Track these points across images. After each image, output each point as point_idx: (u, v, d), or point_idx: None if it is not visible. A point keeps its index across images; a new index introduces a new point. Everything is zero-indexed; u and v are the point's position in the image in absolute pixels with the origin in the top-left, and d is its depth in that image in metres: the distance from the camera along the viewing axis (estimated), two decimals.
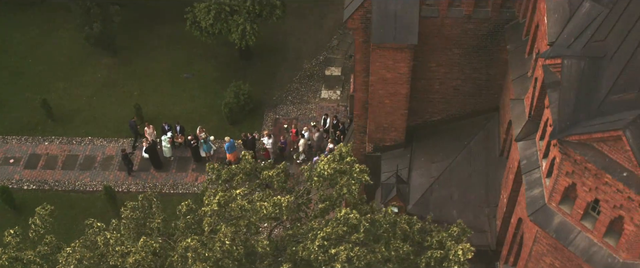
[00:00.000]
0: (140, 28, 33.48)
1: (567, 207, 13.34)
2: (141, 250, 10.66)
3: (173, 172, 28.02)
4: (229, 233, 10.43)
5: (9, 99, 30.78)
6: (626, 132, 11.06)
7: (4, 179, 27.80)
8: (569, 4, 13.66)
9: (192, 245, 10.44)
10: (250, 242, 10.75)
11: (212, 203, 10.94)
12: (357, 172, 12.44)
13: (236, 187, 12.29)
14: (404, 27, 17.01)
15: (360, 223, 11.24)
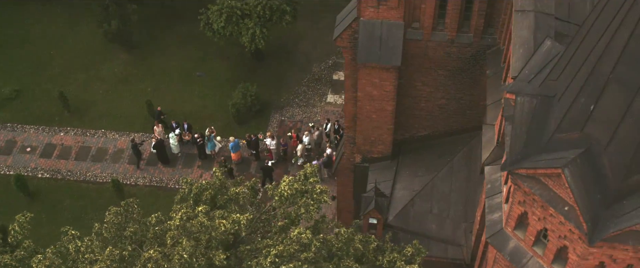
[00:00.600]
0: (157, 26, 34.69)
1: (521, 232, 14.10)
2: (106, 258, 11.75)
3: (179, 167, 29.23)
4: (188, 247, 11.50)
5: (29, 89, 32.27)
6: (565, 171, 11.79)
7: (20, 167, 29.28)
8: (534, 40, 14.38)
9: (154, 256, 11.52)
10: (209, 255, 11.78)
11: (175, 219, 12.01)
12: (318, 193, 13.39)
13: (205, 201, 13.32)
14: (389, 49, 17.82)
15: (311, 242, 12.21)
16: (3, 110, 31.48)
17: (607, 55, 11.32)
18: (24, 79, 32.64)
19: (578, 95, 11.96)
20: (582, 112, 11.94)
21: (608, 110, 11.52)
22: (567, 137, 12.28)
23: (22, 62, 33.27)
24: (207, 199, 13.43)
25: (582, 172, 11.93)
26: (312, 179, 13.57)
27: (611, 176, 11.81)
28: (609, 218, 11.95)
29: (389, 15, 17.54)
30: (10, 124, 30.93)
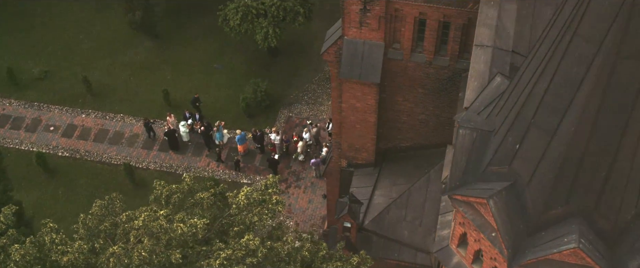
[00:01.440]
0: (181, 17, 36.35)
1: (463, 250, 15.36)
2: (75, 251, 13.41)
3: (189, 155, 30.99)
4: (148, 245, 13.09)
5: (57, 71, 34.31)
6: (490, 201, 13.00)
7: (42, 144, 31.40)
8: (488, 74, 15.53)
9: (116, 251, 13.15)
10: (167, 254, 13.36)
11: (139, 220, 13.62)
12: (273, 203, 14.87)
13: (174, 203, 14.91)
14: (369, 66, 19.10)
15: (258, 248, 13.69)
16: (32, 90, 33.60)
17: (531, 101, 12.46)
18: (53, 61, 34.70)
19: (507, 133, 13.14)
20: (510, 149, 13.11)
21: (530, 150, 12.68)
22: (498, 170, 13.47)
23: (53, 45, 35.31)
24: (175, 201, 15.05)
25: (506, 203, 13.13)
26: (271, 190, 15.07)
27: (532, 209, 13.01)
28: (529, 246, 13.17)
29: (370, 36, 18.79)
30: (37, 103, 33.05)
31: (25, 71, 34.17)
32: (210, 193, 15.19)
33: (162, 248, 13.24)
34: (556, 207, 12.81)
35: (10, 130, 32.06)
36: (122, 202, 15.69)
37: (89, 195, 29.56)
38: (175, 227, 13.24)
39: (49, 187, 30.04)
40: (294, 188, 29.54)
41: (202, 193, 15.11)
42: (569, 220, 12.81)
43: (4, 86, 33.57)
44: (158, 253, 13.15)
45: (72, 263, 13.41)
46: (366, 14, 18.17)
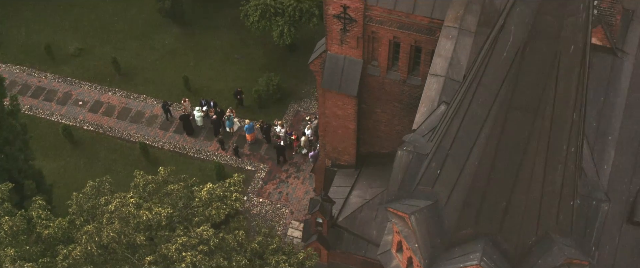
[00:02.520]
0: (209, 6, 38.58)
1: (400, 255, 17.29)
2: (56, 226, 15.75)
3: (201, 139, 33.36)
4: (117, 227, 15.38)
5: (91, 50, 36.99)
6: (411, 217, 14.89)
7: (70, 117, 34.20)
8: (437, 101, 17.31)
9: (90, 229, 15.47)
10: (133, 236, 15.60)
11: (112, 205, 15.89)
12: (232, 200, 16.99)
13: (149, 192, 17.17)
14: (348, 80, 21.01)
15: (210, 238, 15.85)
16: (67, 65, 36.39)
17: (449, 134, 14.28)
18: (88, 40, 37.41)
19: (432, 159, 15.00)
20: (433, 173, 14.98)
21: (447, 177, 14.53)
22: (425, 190, 15.36)
23: (89, 25, 38.01)
24: (150, 190, 17.31)
25: (426, 219, 15.03)
26: (232, 188, 17.20)
27: (448, 227, 14.88)
28: (443, 259, 15.07)
29: (350, 53, 20.69)
30: (70, 79, 35.84)
31: (62, 47, 36.96)
32: (180, 186, 17.43)
33: (130, 230, 15.53)
34: (466, 227, 14.66)
35: (43, 102, 34.94)
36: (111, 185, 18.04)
37: (106, 167, 32.27)
38: (141, 214, 15.52)
39: (71, 157, 32.84)
40: (293, 179, 31.70)
41: (173, 185, 17.37)
42: (477, 240, 14.64)
43: (42, 60, 36.44)
44: (126, 234, 15.45)
45: (51, 236, 15.84)
46: (346, 33, 20.07)
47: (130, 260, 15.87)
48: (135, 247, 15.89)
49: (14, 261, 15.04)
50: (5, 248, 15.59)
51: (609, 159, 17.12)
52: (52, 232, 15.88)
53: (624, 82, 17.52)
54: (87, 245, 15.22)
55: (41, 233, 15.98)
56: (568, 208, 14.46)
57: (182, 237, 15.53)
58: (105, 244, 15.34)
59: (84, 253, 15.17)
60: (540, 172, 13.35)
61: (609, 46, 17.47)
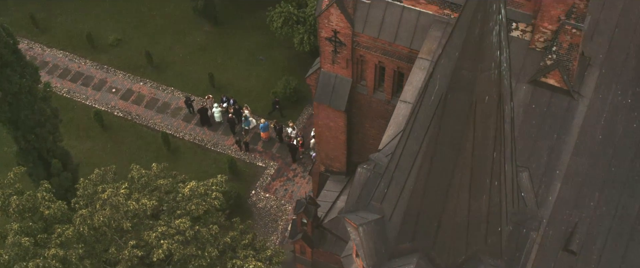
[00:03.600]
0: (241, 7, 40.94)
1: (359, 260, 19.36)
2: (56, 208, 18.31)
3: (219, 133, 35.86)
4: (107, 213, 17.81)
5: (129, 41, 39.82)
6: (359, 228, 16.93)
7: (103, 103, 37.11)
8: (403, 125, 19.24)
9: (84, 213, 17.90)
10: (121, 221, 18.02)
11: (104, 194, 18.33)
12: (212, 198, 19.28)
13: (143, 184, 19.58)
14: (338, 96, 23.07)
15: (186, 230, 18.15)
16: (105, 54, 39.32)
17: (394, 158, 16.24)
18: (126, 31, 40.27)
19: (382, 178, 17.00)
20: (382, 191, 16.99)
21: (391, 196, 16.52)
22: (376, 205, 17.38)
23: (128, 17, 40.86)
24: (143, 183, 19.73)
25: (373, 231, 17.06)
26: (214, 187, 19.50)
27: (390, 240, 16.90)
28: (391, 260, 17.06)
29: (340, 72, 22.75)
30: (107, 67, 38.76)
31: (102, 37, 39.89)
32: (169, 181, 19.84)
33: (119, 217, 17.98)
34: (405, 242, 16.63)
35: (80, 86, 37.96)
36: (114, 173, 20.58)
37: (131, 152, 35.11)
38: (129, 203, 17.96)
39: (100, 140, 35.75)
40: (299, 178, 33.93)
41: (163, 181, 19.79)
42: (414, 254, 16.62)
43: (83, 48, 39.45)
44: (115, 220, 17.90)
45: (51, 216, 18.42)
46: (337, 54, 22.14)
47: (117, 242, 18.36)
48: (122, 231, 18.36)
49: (16, 234, 17.71)
50: (12, 222, 18.29)
51: (554, 191, 18.82)
52: (52, 212, 18.48)
53: (577, 122, 19.14)
54: (80, 226, 17.73)
55: (43, 213, 18.58)
56: (496, 233, 16.31)
57: (162, 227, 17.91)
58: (97, 227, 17.83)
59: (75, 233, 17.71)
60: (465, 200, 15.24)
61: (566, 88, 19.12)
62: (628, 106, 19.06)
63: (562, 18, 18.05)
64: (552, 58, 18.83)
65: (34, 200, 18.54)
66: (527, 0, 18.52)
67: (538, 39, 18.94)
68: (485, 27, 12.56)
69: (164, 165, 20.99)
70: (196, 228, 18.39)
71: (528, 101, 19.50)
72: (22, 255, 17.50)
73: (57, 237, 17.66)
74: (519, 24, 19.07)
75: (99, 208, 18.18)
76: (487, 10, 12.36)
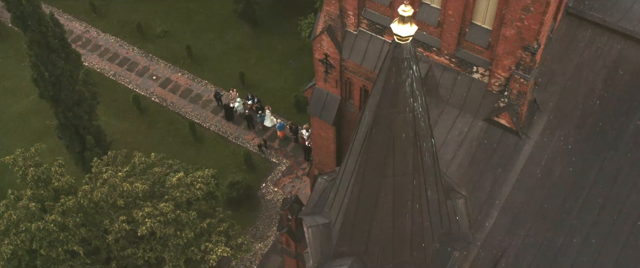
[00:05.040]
0: (280, 12, 44.16)
1: None
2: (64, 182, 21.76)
3: (242, 127, 39.21)
4: (105, 190, 21.18)
5: (174, 33, 43.60)
6: (309, 230, 19.86)
7: (142, 88, 40.96)
8: None
9: (86, 188, 21.35)
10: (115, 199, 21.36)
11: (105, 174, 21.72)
12: (196, 188, 22.43)
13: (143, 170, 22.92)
14: (328, 111, 25.92)
15: (168, 213, 21.34)
16: (151, 43, 43.21)
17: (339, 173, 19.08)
18: (173, 24, 44.05)
19: (332, 189, 19.88)
20: (331, 200, 19.88)
21: (335, 206, 19.40)
22: (327, 212, 20.30)
23: (177, 12, 44.62)
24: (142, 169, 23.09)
25: (321, 233, 19.99)
26: (200, 179, 22.70)
27: (333, 243, 19.79)
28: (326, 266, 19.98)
29: (331, 90, 25.60)
30: (151, 55, 42.62)
31: (151, 27, 43.80)
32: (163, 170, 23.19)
33: (115, 195, 21.42)
34: (343, 246, 19.51)
35: (125, 71, 41.94)
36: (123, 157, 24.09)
37: (161, 136, 38.84)
38: (124, 185, 21.37)
39: (135, 121, 39.61)
40: (307, 177, 36.88)
41: (157, 169, 23.17)
42: (350, 257, 19.47)
43: (133, 36, 43.43)
44: (111, 197, 21.35)
45: (60, 187, 21.98)
46: (327, 75, 25.02)
47: (111, 216, 21.82)
48: (116, 207, 21.79)
49: (28, 199, 21.35)
50: (28, 189, 21.97)
51: (491, 219, 21.26)
52: (61, 185, 22.06)
53: (521, 160, 21.47)
54: (81, 199, 21.25)
55: (54, 184, 22.18)
56: (420, 248, 19.01)
57: (149, 208, 21.25)
58: (96, 201, 21.30)
59: (76, 204, 21.24)
60: (389, 217, 18.02)
61: (515, 129, 21.51)
62: (567, 152, 21.29)
63: (512, 68, 20.45)
64: (504, 101, 21.23)
65: (48, 172, 22.17)
66: (486, 49, 20.95)
67: (494, 83, 21.36)
68: (399, 79, 15.30)
69: (162, 155, 24.36)
70: (177, 213, 21.68)
71: (482, 136, 21.93)
72: (29, 217, 21.18)
73: (61, 205, 21.22)
74: (479, 68, 21.50)
75: (100, 185, 21.68)
76: (400, 65, 15.10)
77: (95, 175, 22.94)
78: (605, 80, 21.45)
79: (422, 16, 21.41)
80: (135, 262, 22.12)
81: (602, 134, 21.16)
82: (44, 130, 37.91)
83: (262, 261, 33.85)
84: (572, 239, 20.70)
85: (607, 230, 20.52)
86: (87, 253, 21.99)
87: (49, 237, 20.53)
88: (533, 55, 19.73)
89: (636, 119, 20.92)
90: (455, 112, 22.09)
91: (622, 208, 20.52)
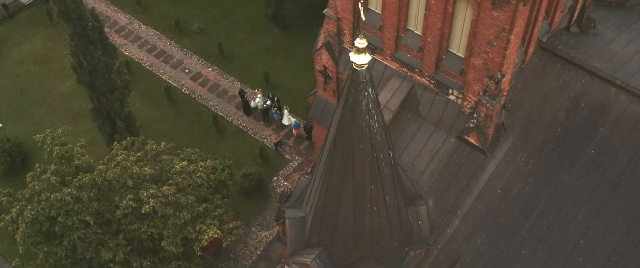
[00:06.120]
0: (309, 18, 46.95)
1: None
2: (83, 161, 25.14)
3: (261, 124, 42.25)
4: (117, 171, 24.39)
5: (209, 31, 46.84)
6: (286, 221, 22.68)
7: (175, 80, 44.36)
8: None
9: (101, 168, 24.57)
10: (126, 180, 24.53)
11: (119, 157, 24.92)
12: (196, 176, 25.42)
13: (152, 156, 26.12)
14: (325, 117, 28.69)
15: (169, 195, 24.38)
16: (187, 39, 46.58)
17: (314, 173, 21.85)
18: (209, 22, 47.33)
19: (307, 187, 22.66)
20: (307, 197, 22.67)
21: (309, 202, 22.18)
22: (304, 206, 23.11)
23: (213, 11, 47.90)
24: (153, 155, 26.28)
25: (297, 225, 22.82)
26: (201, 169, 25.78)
27: (306, 234, 22.61)
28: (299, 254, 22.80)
29: (329, 98, 28.39)
30: (186, 50, 46.00)
31: (188, 24, 47.18)
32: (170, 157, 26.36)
33: (125, 176, 24.66)
34: (314, 237, 22.31)
35: (161, 62, 45.42)
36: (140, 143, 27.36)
37: (186, 125, 42.13)
38: (133, 168, 24.57)
39: (165, 110, 43.02)
40: None
41: (166, 156, 26.33)
42: (318, 247, 22.25)
43: (171, 31, 46.89)
44: (122, 177, 24.59)
45: (80, 166, 25.32)
46: (326, 85, 27.82)
47: (121, 193, 25.08)
48: (126, 186, 25.03)
49: (52, 173, 24.75)
50: (52, 164, 25.39)
51: (453, 226, 23.76)
52: (80, 163, 25.40)
53: (485, 176, 23.91)
54: (96, 177, 24.56)
55: (74, 162, 25.55)
56: (379, 245, 21.68)
57: (153, 189, 24.42)
58: (109, 180, 24.57)
59: (91, 181, 24.57)
60: (350, 216, 20.75)
61: (481, 148, 23.95)
62: (526, 172, 23.63)
63: (480, 94, 22.91)
64: (473, 122, 23.70)
65: (71, 151, 25.57)
66: (459, 74, 23.44)
67: (466, 105, 23.83)
68: (357, 99, 18.02)
69: (171, 144, 27.53)
70: (178, 196, 24.80)
71: (452, 152, 24.44)
72: (49, 189, 24.58)
73: (77, 181, 24.56)
74: (454, 91, 23.99)
75: (113, 166, 24.97)
76: (357, 88, 17.82)
77: (112, 157, 26.24)
78: (568, 110, 23.71)
79: (407, 41, 24.04)
80: (140, 236, 25.37)
81: (559, 159, 23.44)
82: (82, 111, 41.58)
83: (266, 248, 36.80)
84: (521, 251, 23.05)
85: (553, 245, 22.83)
86: (100, 224, 25.32)
87: (65, 207, 23.89)
88: (497, 83, 22.13)
89: (590, 148, 23.13)
90: (432, 128, 24.61)
91: (568, 228, 22.80)
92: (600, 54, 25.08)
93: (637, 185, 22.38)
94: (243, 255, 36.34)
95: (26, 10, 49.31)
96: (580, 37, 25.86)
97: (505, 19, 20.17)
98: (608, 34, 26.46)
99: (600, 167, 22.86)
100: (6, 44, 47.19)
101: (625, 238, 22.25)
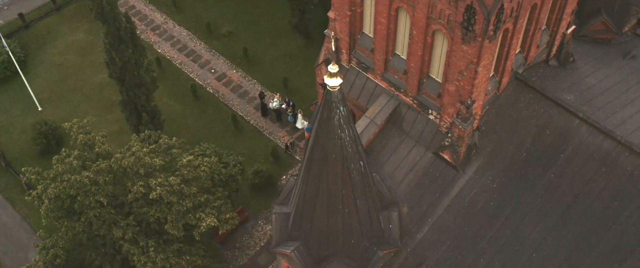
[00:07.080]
0: None
1: None
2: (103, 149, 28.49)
3: (277, 125, 45.38)
4: (131, 160, 27.73)
5: (237, 34, 50.13)
6: (273, 216, 25.69)
7: (201, 78, 47.78)
8: None
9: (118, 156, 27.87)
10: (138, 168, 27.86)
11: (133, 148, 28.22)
12: (201, 170, 28.58)
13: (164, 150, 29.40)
14: None
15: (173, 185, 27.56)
16: (216, 41, 49.97)
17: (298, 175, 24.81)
18: (237, 27, 50.65)
19: (294, 188, 25.64)
20: (293, 195, 25.65)
21: (294, 201, 25.15)
22: (290, 203, 26.10)
23: (243, 17, 51.20)
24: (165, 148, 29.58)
25: (283, 220, 25.82)
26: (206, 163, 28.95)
27: (289, 228, 25.60)
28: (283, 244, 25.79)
29: None
30: (214, 51, 49.39)
31: (218, 27, 50.58)
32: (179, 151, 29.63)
33: (138, 165, 28.02)
34: (296, 231, 25.30)
35: (190, 61, 48.90)
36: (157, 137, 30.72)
37: (207, 121, 45.50)
38: (145, 158, 27.92)
39: (189, 106, 46.46)
40: None
41: (175, 149, 29.62)
42: (298, 240, 25.22)
43: (202, 33, 50.35)
44: (135, 165, 27.94)
45: (100, 153, 28.78)
46: None
47: (133, 180, 28.46)
48: (138, 174, 28.39)
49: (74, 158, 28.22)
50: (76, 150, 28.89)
51: (422, 232, 26.45)
52: (100, 151, 28.84)
53: (455, 189, 26.54)
54: (112, 164, 27.98)
55: (95, 150, 29.02)
56: (350, 243, 24.58)
57: (161, 178, 27.71)
58: (124, 167, 27.96)
59: (107, 167, 27.97)
60: (325, 216, 23.69)
61: (454, 164, 26.62)
62: (492, 189, 26.21)
63: (454, 116, 25.60)
64: (448, 141, 26.39)
65: (93, 140, 29.06)
66: (437, 97, 26.17)
67: (442, 125, 26.54)
68: (330, 115, 20.94)
69: (182, 140, 30.79)
70: (182, 186, 28.06)
71: (428, 166, 27.14)
72: (71, 171, 28.07)
73: (96, 166, 28.01)
74: (433, 111, 26.71)
75: (129, 155, 28.37)
76: (330, 105, 20.75)
77: (128, 147, 29.65)
78: (534, 137, 26.22)
79: (394, 64, 26.86)
80: (148, 219, 28.71)
81: (523, 180, 25.98)
82: (114, 102, 45.28)
83: (269, 240, 39.90)
84: (479, 259, 25.67)
85: (509, 256, 25.41)
86: (113, 206, 28.75)
87: (83, 188, 27.35)
88: (468, 108, 24.81)
89: (550, 172, 25.63)
90: (412, 143, 27.35)
91: (523, 242, 25.35)
92: (573, 86, 27.49)
93: (589, 208, 24.81)
94: (247, 245, 39.52)
95: (73, 3, 53.30)
96: (558, 70, 28.27)
97: (472, 53, 22.83)
98: (586, 68, 28.85)
99: (558, 189, 25.33)
100: (52, 34, 51.25)
101: (574, 254, 24.72)
